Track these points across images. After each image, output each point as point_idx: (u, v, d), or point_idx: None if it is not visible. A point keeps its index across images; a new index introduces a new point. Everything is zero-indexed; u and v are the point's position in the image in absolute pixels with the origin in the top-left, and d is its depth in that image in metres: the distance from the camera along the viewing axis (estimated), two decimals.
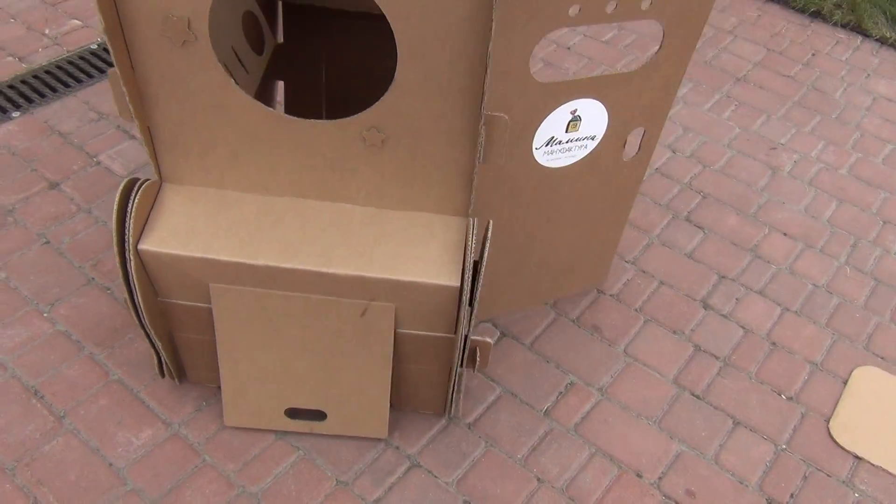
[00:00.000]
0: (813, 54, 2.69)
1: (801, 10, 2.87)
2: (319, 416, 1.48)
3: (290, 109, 1.99)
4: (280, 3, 1.85)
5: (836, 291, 1.89)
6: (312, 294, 1.30)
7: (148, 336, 1.39)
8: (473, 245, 1.25)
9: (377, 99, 1.17)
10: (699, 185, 2.14)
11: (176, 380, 1.54)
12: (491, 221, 1.31)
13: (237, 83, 1.50)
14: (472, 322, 1.28)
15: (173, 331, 1.44)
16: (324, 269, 1.26)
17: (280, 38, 1.88)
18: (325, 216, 1.31)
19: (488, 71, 1.08)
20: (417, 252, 1.28)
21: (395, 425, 1.53)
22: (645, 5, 1.25)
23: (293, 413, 1.47)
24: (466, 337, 1.30)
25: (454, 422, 1.55)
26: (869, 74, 2.62)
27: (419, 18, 1.06)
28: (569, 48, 2.59)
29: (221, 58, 1.45)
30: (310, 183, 1.30)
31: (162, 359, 1.46)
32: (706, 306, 1.82)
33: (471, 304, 1.25)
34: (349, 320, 1.33)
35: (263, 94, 1.86)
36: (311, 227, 1.30)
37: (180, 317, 1.39)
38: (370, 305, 1.31)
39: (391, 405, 1.55)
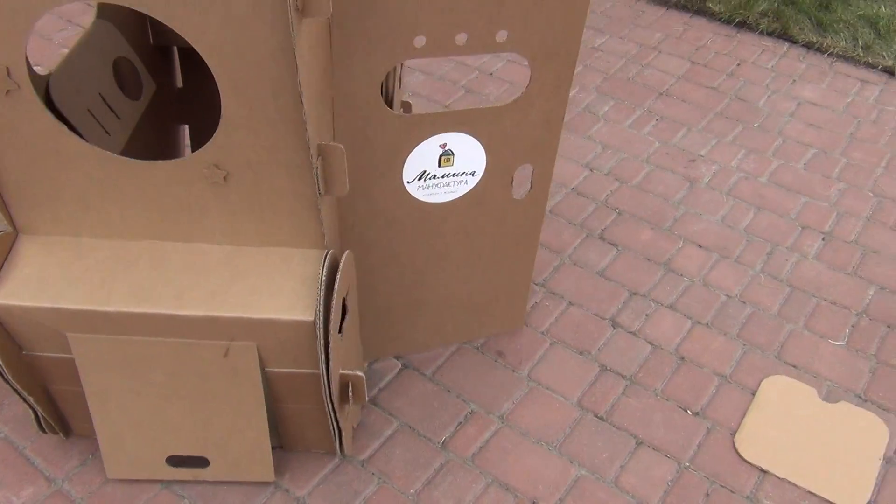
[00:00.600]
0: (738, 64, 2.68)
1: (727, 22, 2.88)
2: (202, 462, 1.44)
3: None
4: (175, 49, 1.85)
5: (750, 301, 1.85)
6: (171, 338, 1.27)
7: (17, 392, 1.36)
8: (325, 277, 1.22)
9: None
10: (615, 202, 2.11)
11: (61, 434, 1.51)
12: (347, 253, 1.28)
13: (105, 130, 1.50)
14: (332, 354, 1.24)
15: (47, 384, 1.41)
16: (176, 312, 1.23)
17: (179, 83, 1.88)
18: (180, 258, 1.29)
19: (303, 101, 1.06)
20: (273, 288, 1.26)
21: (286, 467, 1.50)
22: (501, 38, 1.23)
23: (175, 461, 1.44)
24: (328, 371, 1.26)
25: (347, 460, 1.52)
26: (794, 80, 2.61)
27: (232, 52, 1.04)
28: (491, 74, 2.59)
29: (85, 105, 1.45)
30: (163, 225, 1.28)
31: (38, 414, 1.43)
32: (615, 324, 1.79)
33: (325, 337, 1.22)
34: (213, 362, 1.30)
35: (166, 140, 1.86)
36: (166, 269, 1.28)
37: (49, 369, 1.37)
38: (231, 346, 1.28)
39: (281, 446, 1.52)
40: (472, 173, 1.41)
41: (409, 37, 1.19)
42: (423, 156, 1.35)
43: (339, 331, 1.34)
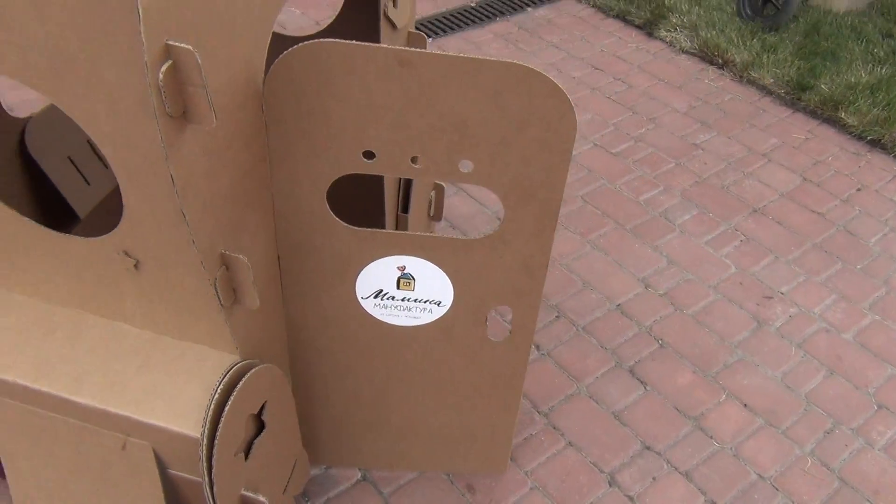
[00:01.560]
0: (858, 189, 2.33)
1: (859, 137, 2.52)
2: None
3: None
4: None
5: (784, 489, 1.55)
6: (71, 419, 1.18)
7: None
8: (222, 392, 1.09)
9: None
10: (660, 331, 1.85)
11: None
12: (263, 367, 1.15)
13: (85, 179, 1.46)
14: (216, 478, 1.11)
15: None
16: (71, 397, 1.14)
17: None
18: (97, 335, 1.20)
19: (184, 212, 0.94)
20: (175, 390, 1.14)
21: None
22: (465, 168, 1.07)
23: None
24: (213, 493, 1.13)
25: None
26: None
27: (124, 144, 0.93)
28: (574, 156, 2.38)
29: (65, 152, 1.40)
30: (87, 297, 1.20)
31: None
32: (612, 482, 1.54)
33: (209, 459, 1.09)
34: (112, 452, 1.20)
35: None
36: (78, 345, 1.19)
37: None
38: (128, 441, 1.17)
39: None
40: (438, 303, 1.24)
41: (356, 149, 1.05)
42: (378, 274, 1.20)
43: (248, 449, 1.21)
